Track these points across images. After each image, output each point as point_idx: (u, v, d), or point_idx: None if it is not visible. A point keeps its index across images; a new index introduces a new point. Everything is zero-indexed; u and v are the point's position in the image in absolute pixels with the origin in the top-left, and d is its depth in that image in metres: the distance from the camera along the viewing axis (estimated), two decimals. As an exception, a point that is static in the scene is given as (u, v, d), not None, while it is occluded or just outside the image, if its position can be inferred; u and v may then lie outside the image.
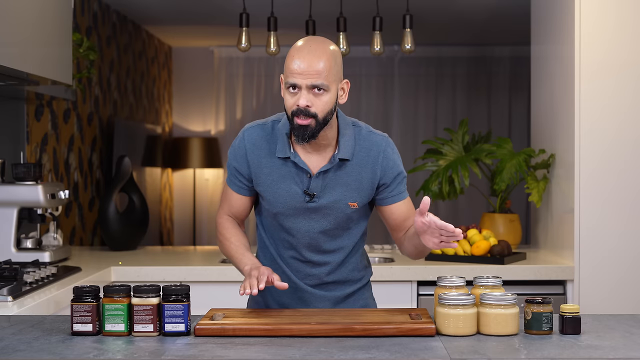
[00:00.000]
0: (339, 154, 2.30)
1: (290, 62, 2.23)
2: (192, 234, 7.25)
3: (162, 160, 6.78)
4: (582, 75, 3.48)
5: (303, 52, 2.23)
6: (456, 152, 4.14)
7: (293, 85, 2.22)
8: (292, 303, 2.42)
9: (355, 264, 2.45)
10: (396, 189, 2.37)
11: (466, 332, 1.99)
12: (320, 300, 2.42)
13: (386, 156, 2.35)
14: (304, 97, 2.21)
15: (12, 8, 2.71)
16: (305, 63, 2.20)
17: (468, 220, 6.91)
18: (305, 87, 2.20)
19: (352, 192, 2.33)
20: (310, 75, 2.20)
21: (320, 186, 2.31)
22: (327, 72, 2.21)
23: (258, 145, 2.35)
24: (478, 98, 7.37)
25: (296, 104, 2.21)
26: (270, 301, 2.45)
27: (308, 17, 4.37)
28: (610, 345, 1.91)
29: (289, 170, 2.32)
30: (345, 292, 2.44)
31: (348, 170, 2.32)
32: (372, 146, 2.35)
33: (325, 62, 2.21)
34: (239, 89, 7.35)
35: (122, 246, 4.02)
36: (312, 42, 2.26)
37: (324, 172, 2.30)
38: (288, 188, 2.32)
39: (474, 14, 5.71)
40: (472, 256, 3.64)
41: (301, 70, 2.20)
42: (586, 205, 3.49)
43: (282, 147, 2.31)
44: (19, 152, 3.71)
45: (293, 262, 2.40)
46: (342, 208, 2.33)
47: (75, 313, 1.99)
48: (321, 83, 2.20)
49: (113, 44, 5.52)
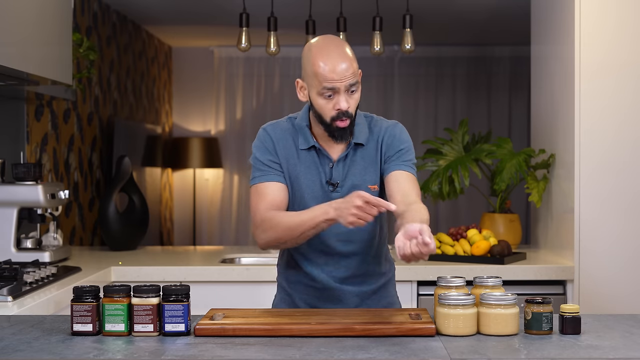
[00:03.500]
0: (354, 139, 2.35)
1: (322, 67, 2.24)
2: (192, 234, 7.25)
3: (162, 160, 6.78)
4: (582, 75, 3.48)
5: (333, 56, 2.26)
6: (456, 152, 4.14)
7: (332, 89, 2.24)
8: (320, 303, 2.43)
9: (380, 256, 2.47)
10: (397, 159, 2.37)
11: (466, 332, 1.99)
12: (349, 297, 2.42)
13: (392, 134, 2.39)
14: (345, 100, 2.26)
15: (12, 8, 2.71)
16: (340, 66, 2.24)
17: (468, 220, 6.91)
18: (344, 89, 2.25)
19: (371, 175, 2.38)
20: (346, 78, 2.25)
21: (341, 174, 2.35)
22: (356, 69, 2.28)
23: (283, 138, 2.38)
24: (478, 98, 7.37)
25: (336, 108, 2.26)
26: (298, 301, 2.46)
27: (308, 17, 4.37)
28: (610, 345, 1.91)
29: (312, 160, 2.36)
30: (372, 287, 2.45)
31: (364, 155, 2.38)
32: (380, 130, 2.41)
33: (353, 60, 2.28)
34: (239, 89, 7.35)
35: (122, 246, 4.02)
36: (333, 43, 2.30)
37: (342, 158, 2.35)
38: (314, 178, 2.36)
39: (474, 14, 5.71)
40: (472, 256, 3.64)
41: (339, 74, 2.24)
42: (586, 205, 3.49)
43: (304, 139, 2.36)
44: (19, 152, 3.71)
45: (321, 257, 2.40)
46: (365, 191, 2.30)
47: (75, 313, 1.99)
48: (356, 81, 2.27)
49: (113, 44, 5.52)
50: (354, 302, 2.43)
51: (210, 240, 7.35)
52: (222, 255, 3.89)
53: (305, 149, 2.36)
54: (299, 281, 2.45)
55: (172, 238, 7.26)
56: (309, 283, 2.44)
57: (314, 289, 2.43)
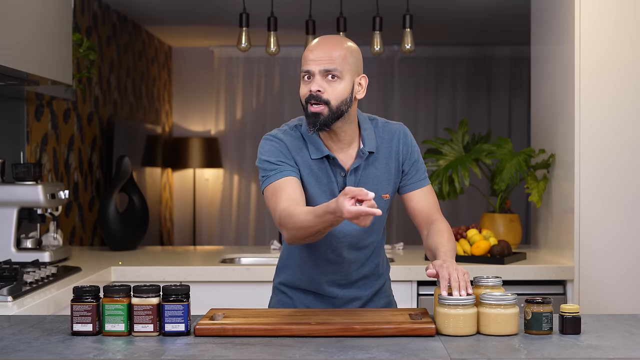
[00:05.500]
0: (365, 147, 2.33)
1: (307, 52, 2.27)
2: (192, 234, 7.25)
3: (162, 160, 6.78)
4: (582, 74, 3.48)
5: (319, 42, 2.28)
6: (456, 152, 4.14)
7: (307, 72, 2.25)
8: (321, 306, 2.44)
9: (380, 256, 2.49)
10: (415, 175, 2.40)
11: (466, 332, 1.99)
12: (351, 301, 2.44)
13: (406, 143, 2.40)
14: (316, 83, 2.24)
15: (12, 8, 2.71)
16: (319, 50, 2.25)
17: (468, 220, 6.91)
18: (319, 72, 2.24)
19: (384, 184, 2.37)
20: (322, 61, 2.24)
21: (354, 184, 2.33)
22: (341, 59, 2.24)
23: (297, 146, 2.33)
24: (478, 98, 7.37)
25: (309, 90, 2.25)
26: (298, 305, 2.46)
27: (308, 17, 4.37)
28: (610, 345, 1.91)
29: (325, 169, 2.33)
30: (373, 289, 2.47)
31: (376, 164, 2.36)
32: (392, 136, 2.39)
33: (339, 50, 2.25)
34: (239, 89, 7.34)
35: (122, 246, 4.02)
36: (331, 35, 2.32)
37: (355, 168, 2.33)
38: (325, 188, 2.33)
39: (474, 14, 5.71)
40: (472, 256, 3.64)
41: (314, 56, 2.24)
42: (586, 205, 3.49)
43: (316, 148, 2.32)
44: (19, 152, 3.71)
45: (328, 265, 2.40)
46: (377, 200, 2.32)
47: (75, 313, 1.99)
48: (334, 68, 2.23)
49: (113, 44, 5.52)
50: (356, 305, 2.45)
51: (210, 240, 7.35)
52: (222, 255, 3.89)
53: (317, 159, 2.32)
54: (300, 286, 2.45)
55: (172, 238, 7.26)
56: (312, 288, 2.43)
57: (315, 295, 2.44)
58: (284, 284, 2.48)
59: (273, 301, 2.53)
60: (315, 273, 2.41)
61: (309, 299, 2.44)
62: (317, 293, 2.44)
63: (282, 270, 2.50)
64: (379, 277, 2.49)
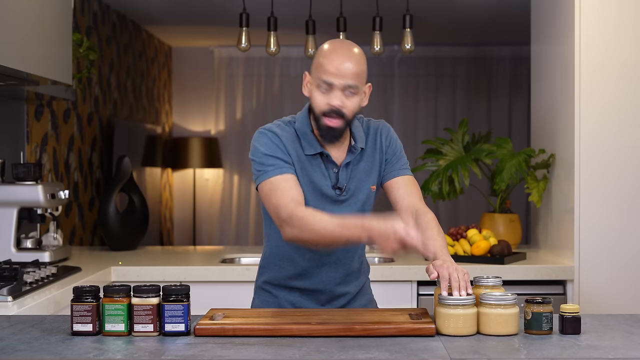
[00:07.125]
0: (357, 143, 2.38)
1: (327, 61, 2.26)
2: (192, 234, 7.25)
3: (162, 160, 6.78)
4: (582, 75, 3.48)
5: (341, 54, 2.27)
6: (456, 152, 4.14)
7: (328, 84, 2.25)
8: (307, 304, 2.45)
9: (363, 255, 2.54)
10: (397, 164, 2.44)
11: (466, 332, 1.99)
12: (338, 299, 2.45)
13: (388, 136, 2.45)
14: (338, 98, 2.26)
15: (11, 8, 2.71)
16: (344, 65, 2.25)
17: (468, 220, 6.91)
18: (341, 87, 2.25)
19: (372, 177, 2.42)
20: (346, 77, 2.25)
21: (346, 178, 2.38)
22: (362, 76, 2.29)
23: (291, 141, 2.36)
24: (478, 98, 7.37)
25: (328, 104, 2.27)
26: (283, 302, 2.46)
27: (308, 17, 4.37)
28: (610, 345, 1.91)
29: (318, 165, 2.36)
30: (357, 287, 2.49)
31: (365, 158, 2.41)
32: (376, 131, 2.45)
33: (360, 65, 2.28)
34: (239, 89, 7.35)
35: (122, 246, 4.02)
36: (347, 45, 2.32)
37: (346, 164, 2.38)
38: (320, 183, 2.35)
39: (474, 14, 5.71)
40: (472, 256, 3.64)
41: (338, 71, 2.25)
42: (586, 205, 3.49)
43: (309, 144, 2.35)
44: (19, 152, 3.71)
45: (314, 261, 2.40)
46: (366, 192, 2.41)
47: (75, 313, 1.99)
48: (355, 85, 2.26)
49: (113, 44, 5.52)
50: (340, 303, 2.46)
51: (210, 240, 7.35)
52: (222, 255, 3.89)
53: (310, 155, 2.35)
54: (286, 284, 2.45)
55: (172, 238, 7.26)
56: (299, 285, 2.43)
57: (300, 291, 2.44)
58: (269, 282, 2.48)
59: (256, 302, 2.52)
60: (302, 267, 2.42)
61: (294, 296, 2.44)
62: (303, 289, 2.43)
63: (266, 269, 2.49)
64: (362, 275, 2.53)
